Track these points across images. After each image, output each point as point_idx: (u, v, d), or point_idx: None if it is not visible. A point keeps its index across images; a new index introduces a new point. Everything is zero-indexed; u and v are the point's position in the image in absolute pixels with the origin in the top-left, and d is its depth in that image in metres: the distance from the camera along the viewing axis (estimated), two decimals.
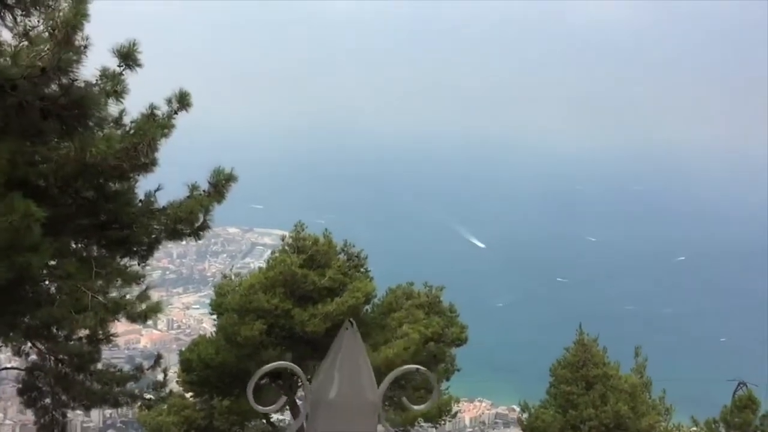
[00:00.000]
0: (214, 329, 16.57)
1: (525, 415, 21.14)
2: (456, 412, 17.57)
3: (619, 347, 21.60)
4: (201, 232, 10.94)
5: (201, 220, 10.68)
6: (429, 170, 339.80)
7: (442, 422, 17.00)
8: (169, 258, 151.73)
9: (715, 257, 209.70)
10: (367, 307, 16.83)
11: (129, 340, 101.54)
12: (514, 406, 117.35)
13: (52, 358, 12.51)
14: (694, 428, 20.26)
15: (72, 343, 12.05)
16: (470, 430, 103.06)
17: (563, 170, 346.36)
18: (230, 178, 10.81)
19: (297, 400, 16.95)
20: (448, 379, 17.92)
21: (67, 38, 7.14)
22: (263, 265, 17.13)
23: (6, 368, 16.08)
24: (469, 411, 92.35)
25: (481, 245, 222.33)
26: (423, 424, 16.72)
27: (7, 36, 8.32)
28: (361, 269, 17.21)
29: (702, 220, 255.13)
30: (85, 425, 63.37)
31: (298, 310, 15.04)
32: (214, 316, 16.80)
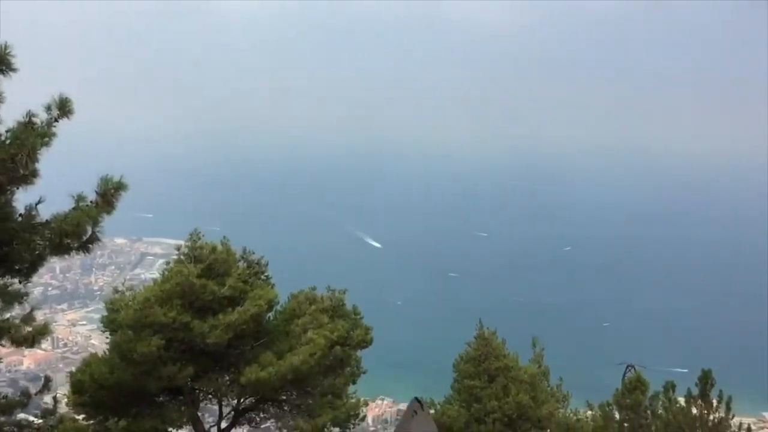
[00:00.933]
0: (107, 347, 15.65)
1: (431, 411, 21.42)
2: (364, 416, 17.46)
3: (510, 338, 22.16)
4: (89, 246, 10.32)
5: (89, 232, 10.08)
6: (324, 173, 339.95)
7: (352, 426, 16.85)
8: (51, 273, 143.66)
9: (597, 247, 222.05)
10: (270, 314, 16.41)
11: (11, 362, 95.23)
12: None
13: None
14: (590, 412, 21.09)
15: None
16: (373, 429, 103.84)
17: (455, 169, 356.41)
18: (120, 187, 10.23)
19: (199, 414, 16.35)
20: (354, 382, 17.78)
21: None
22: (155, 275, 16.40)
23: None
24: (371, 410, 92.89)
25: (378, 245, 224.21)
26: (333, 429, 16.46)
27: None
28: (262, 276, 16.75)
29: (585, 213, 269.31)
30: None
31: (197, 322, 14.45)
32: (106, 333, 15.84)
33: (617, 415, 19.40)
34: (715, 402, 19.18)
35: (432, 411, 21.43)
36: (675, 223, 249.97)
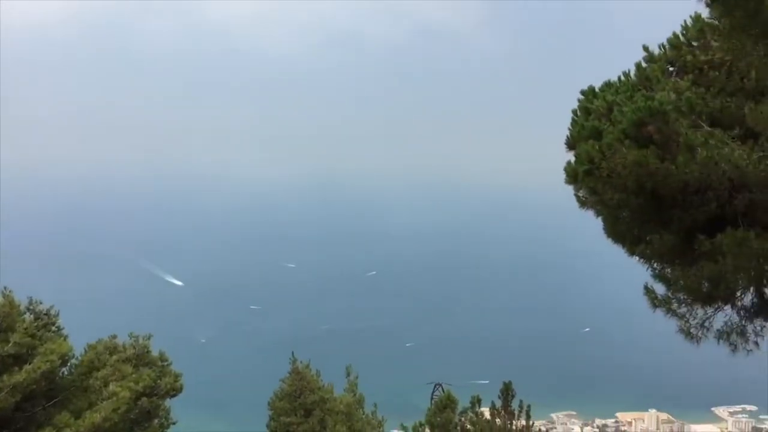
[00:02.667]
0: None
1: None
2: None
3: (323, 368, 22.09)
4: None
5: None
6: (112, 210, 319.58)
7: None
8: None
9: (398, 271, 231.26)
10: (64, 369, 14.86)
11: None
12: None
13: None
14: None
15: None
16: None
17: (256, 202, 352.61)
18: None
19: None
20: None
21: None
22: None
23: None
24: None
25: (179, 283, 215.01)
26: None
27: None
28: (53, 328, 15.14)
29: (391, 240, 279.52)
30: None
31: None
32: None
33: None
34: (516, 411, 20.60)
35: None
36: (477, 248, 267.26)
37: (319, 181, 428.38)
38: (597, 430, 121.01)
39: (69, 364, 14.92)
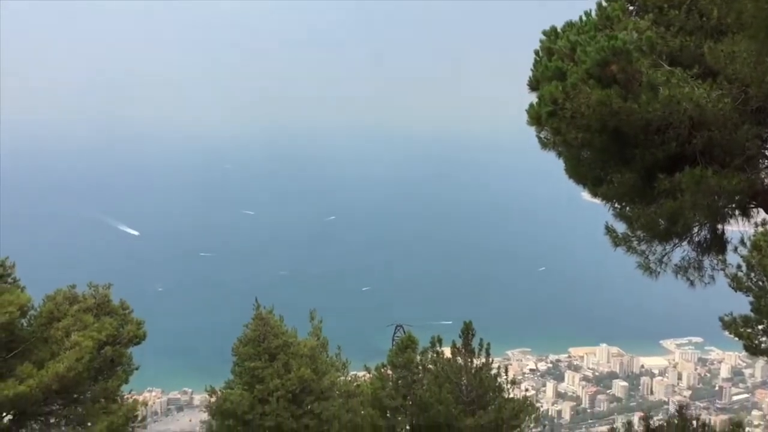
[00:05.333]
0: None
1: (212, 400, 20.83)
2: (144, 417, 16.39)
3: (285, 313, 22.13)
4: None
5: None
6: (63, 162, 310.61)
7: (131, 430, 15.71)
8: None
9: (358, 216, 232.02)
10: (23, 320, 14.58)
11: None
12: (185, 389, 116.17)
13: None
14: (368, 375, 22.03)
15: None
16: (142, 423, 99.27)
17: (211, 153, 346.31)
18: None
19: None
20: (127, 382, 16.59)
21: None
22: None
23: None
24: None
25: (135, 233, 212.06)
26: None
27: None
28: (9, 279, 14.80)
29: (349, 188, 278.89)
30: None
31: None
32: None
33: (392, 374, 20.52)
34: (476, 350, 21.16)
35: (213, 399, 20.91)
36: (432, 194, 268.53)
37: (273, 137, 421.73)
38: (551, 365, 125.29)
39: (28, 315, 14.66)
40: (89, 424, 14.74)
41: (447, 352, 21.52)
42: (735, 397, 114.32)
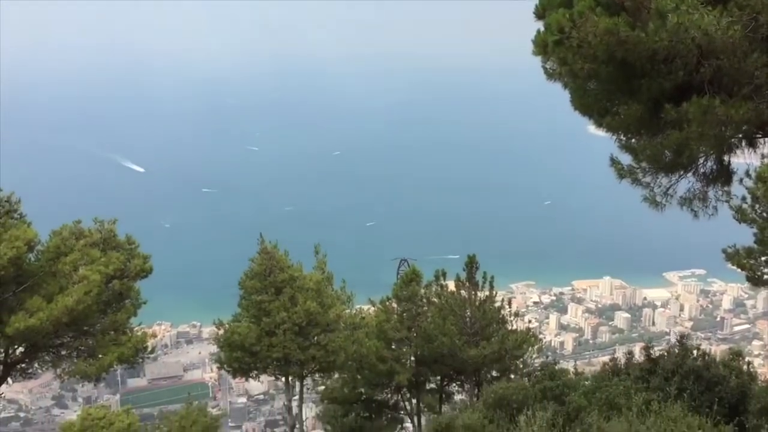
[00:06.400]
0: None
1: (221, 332, 21.26)
2: (154, 348, 16.77)
3: (291, 248, 22.21)
4: None
5: None
6: (66, 96, 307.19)
7: (140, 360, 16.13)
8: None
9: (363, 150, 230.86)
10: (31, 255, 14.70)
11: None
12: (194, 322, 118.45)
13: None
14: (373, 308, 22.36)
15: None
16: (153, 354, 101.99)
17: (214, 86, 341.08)
18: None
19: None
20: (135, 315, 16.87)
21: None
22: None
23: None
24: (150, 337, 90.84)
25: (140, 169, 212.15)
26: (119, 367, 15.61)
27: None
28: (15, 215, 14.83)
29: (353, 119, 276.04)
30: None
31: None
32: None
33: (397, 307, 20.84)
34: (480, 283, 21.40)
35: (221, 331, 21.33)
36: (435, 126, 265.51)
37: (277, 66, 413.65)
38: (554, 297, 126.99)
39: (35, 250, 14.76)
40: (100, 355, 15.10)
41: (451, 285, 21.86)
42: (736, 328, 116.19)
